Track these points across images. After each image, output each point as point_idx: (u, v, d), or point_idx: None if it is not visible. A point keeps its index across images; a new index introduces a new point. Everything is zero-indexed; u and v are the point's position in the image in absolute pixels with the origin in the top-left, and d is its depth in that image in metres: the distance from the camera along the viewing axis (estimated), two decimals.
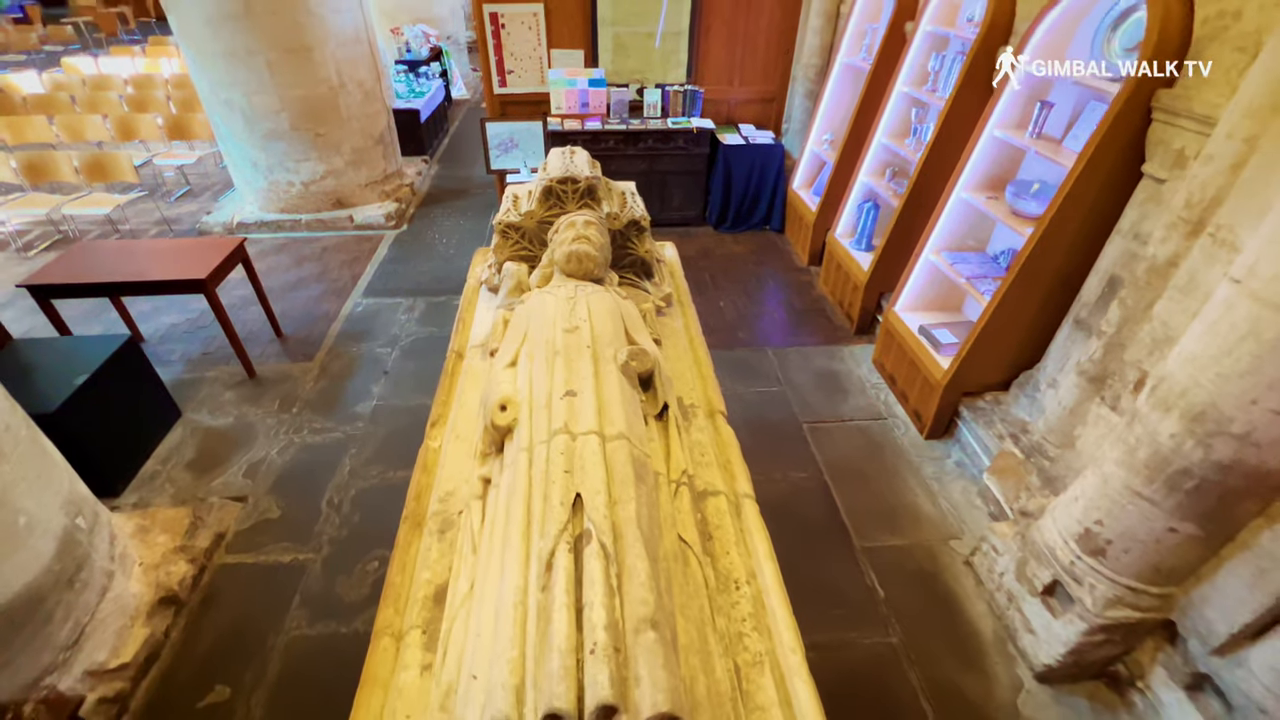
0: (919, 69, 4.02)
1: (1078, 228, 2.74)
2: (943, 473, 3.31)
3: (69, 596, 2.12)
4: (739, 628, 1.32)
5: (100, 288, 3.36)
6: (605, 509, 1.21)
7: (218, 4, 4.47)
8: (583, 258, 1.95)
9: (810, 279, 5.18)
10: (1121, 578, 2.11)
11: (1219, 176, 1.96)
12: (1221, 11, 2.13)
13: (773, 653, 1.29)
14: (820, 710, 1.19)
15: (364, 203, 5.83)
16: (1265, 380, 1.60)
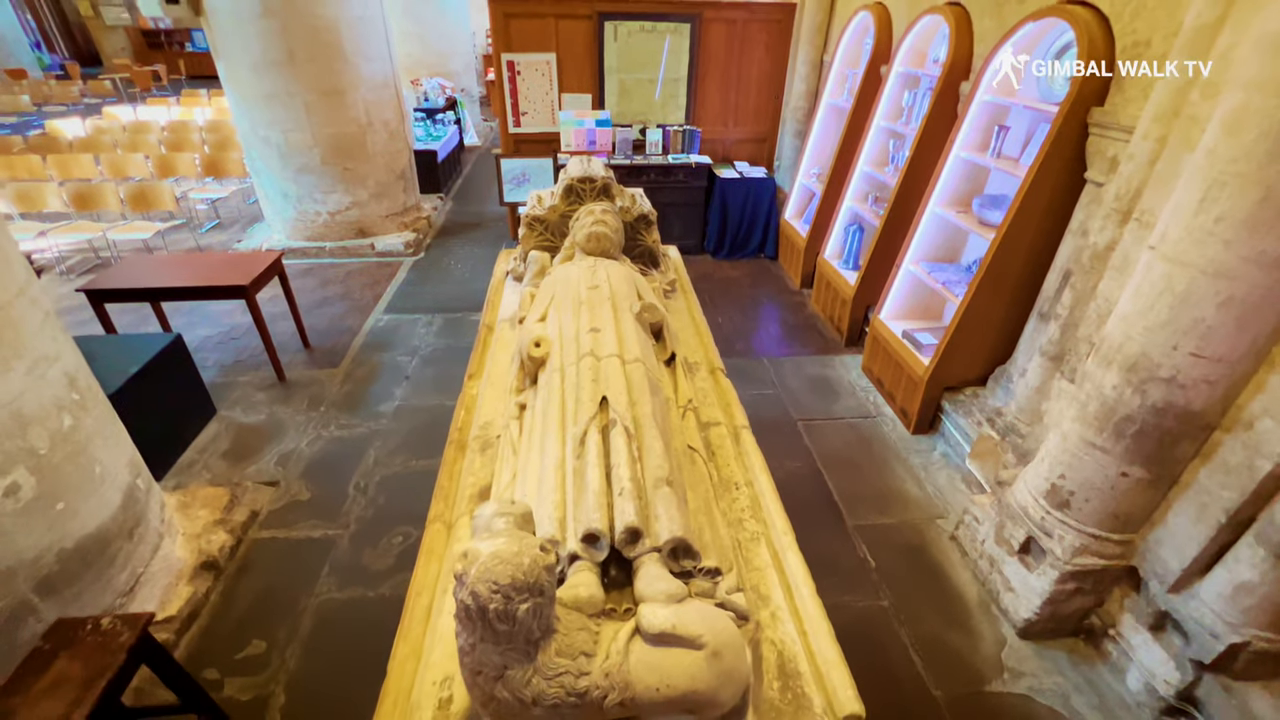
0: (894, 105, 4.48)
1: (1034, 231, 3.08)
2: (929, 463, 3.55)
3: (128, 546, 2.33)
4: (739, 515, 1.56)
5: (151, 292, 3.67)
6: (627, 408, 1.48)
7: (264, 52, 4.98)
8: (600, 238, 2.26)
9: (803, 300, 5.51)
10: (1086, 526, 2.33)
11: (1140, 171, 2.31)
12: (1136, 41, 2.54)
13: (767, 534, 1.52)
14: (808, 574, 1.42)
15: (385, 232, 6.23)
16: (1181, 327, 1.89)
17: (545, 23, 5.57)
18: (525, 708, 0.91)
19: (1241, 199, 1.70)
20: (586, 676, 0.93)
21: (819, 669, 1.20)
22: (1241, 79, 1.69)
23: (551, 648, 0.93)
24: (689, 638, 0.97)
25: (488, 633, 0.88)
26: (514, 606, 0.86)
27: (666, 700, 0.94)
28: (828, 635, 1.26)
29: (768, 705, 1.13)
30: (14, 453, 1.87)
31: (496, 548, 0.88)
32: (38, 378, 1.96)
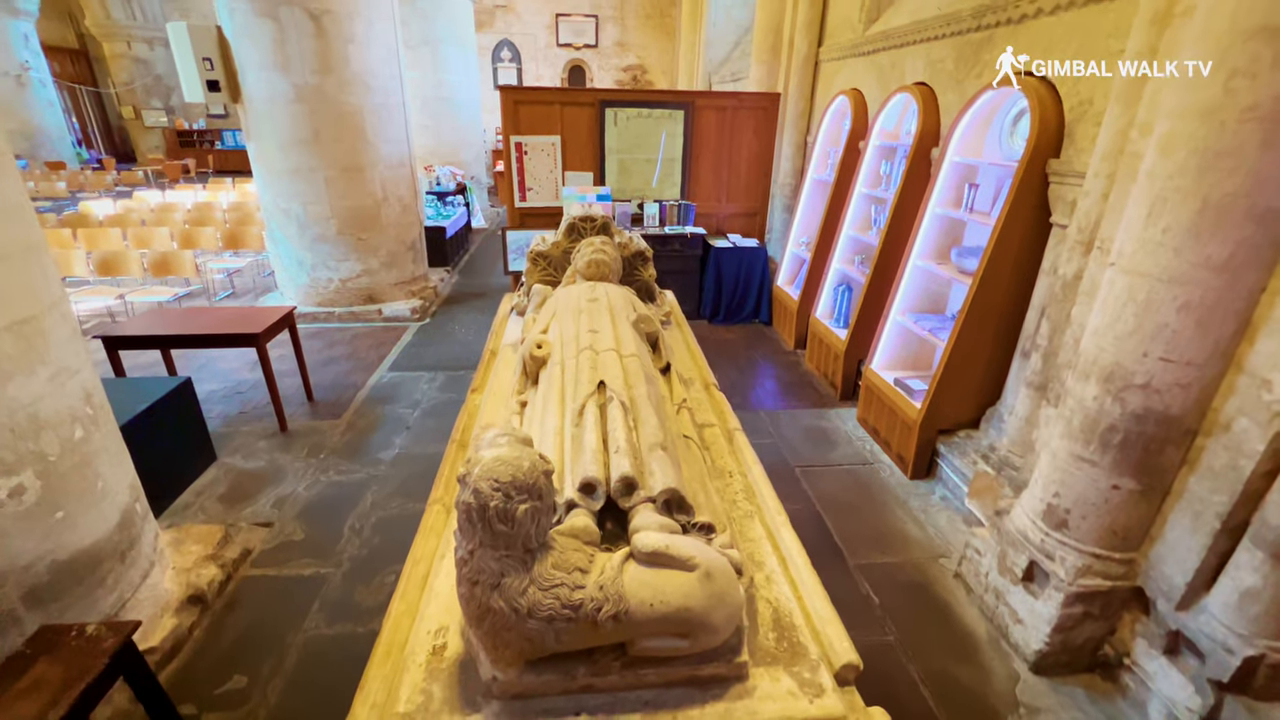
0: (873, 174, 4.83)
1: (1009, 274, 3.26)
2: (928, 506, 3.53)
3: (119, 569, 2.30)
4: (733, 497, 1.60)
5: (166, 340, 3.80)
6: (623, 388, 1.56)
7: (293, 131, 5.42)
8: (600, 264, 2.42)
9: (797, 359, 5.65)
10: (1086, 545, 2.32)
11: (1095, 206, 2.51)
12: (1080, 101, 2.83)
13: (760, 514, 1.55)
14: (802, 548, 1.44)
15: (393, 299, 6.47)
16: (1148, 333, 2.00)
17: (551, 109, 6.10)
18: (520, 619, 0.93)
19: (1183, 210, 1.86)
20: (581, 590, 0.95)
21: (814, 625, 1.20)
22: (1167, 110, 1.91)
23: (548, 561, 0.96)
24: (681, 558, 1.00)
25: (487, 535, 0.91)
26: (513, 506, 0.90)
27: (661, 616, 0.95)
28: (822, 597, 1.27)
29: (763, 653, 1.13)
30: (25, 455, 1.91)
31: (498, 453, 0.94)
32: (58, 386, 2.04)
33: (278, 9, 5.03)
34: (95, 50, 16.44)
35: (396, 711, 0.99)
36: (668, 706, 1.01)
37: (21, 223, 1.96)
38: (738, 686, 1.05)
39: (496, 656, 0.98)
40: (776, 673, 1.08)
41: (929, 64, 4.12)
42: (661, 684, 1.04)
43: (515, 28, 14.19)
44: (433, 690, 1.04)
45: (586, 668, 1.02)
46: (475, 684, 1.04)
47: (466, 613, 0.97)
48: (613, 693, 1.03)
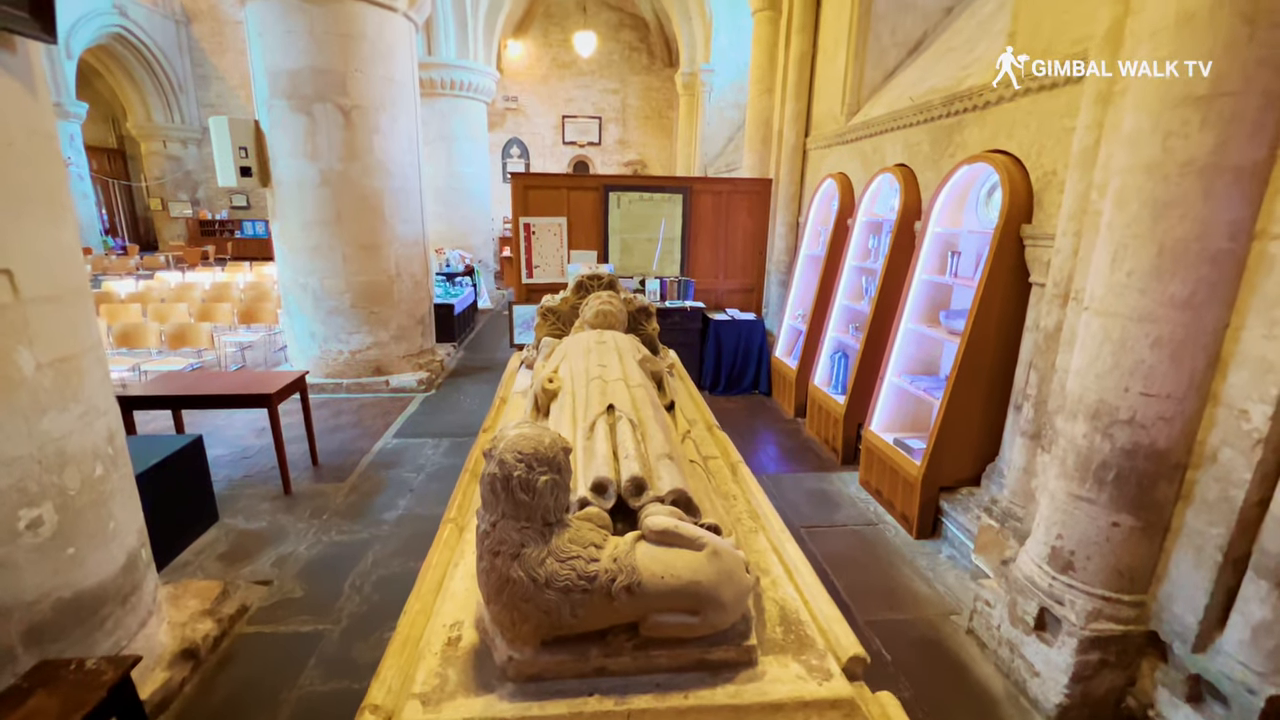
0: (862, 248, 5.12)
1: (995, 332, 3.42)
2: (936, 564, 3.48)
3: (119, 613, 2.27)
4: (737, 515, 1.64)
5: (179, 400, 3.90)
6: (631, 409, 1.65)
7: (317, 212, 5.79)
8: (607, 314, 2.57)
9: (798, 427, 5.71)
10: (1094, 588, 2.31)
11: (1067, 261, 2.70)
12: (1045, 172, 3.11)
13: (765, 530, 1.60)
14: (806, 560, 1.48)
15: (400, 371, 6.61)
16: (1126, 369, 2.12)
17: (559, 193, 6.54)
18: (538, 589, 0.97)
19: (1142, 254, 2.03)
20: (596, 563, 1.00)
21: (820, 623, 1.23)
22: (1117, 168, 2.13)
23: (565, 535, 1.02)
24: (690, 537, 1.06)
25: (509, 506, 0.98)
26: (535, 476, 0.98)
27: (671, 589, 1.00)
28: (827, 600, 1.30)
29: (771, 644, 1.15)
30: (49, 487, 1.96)
31: (522, 430, 1.02)
32: (86, 424, 2.12)
33: (312, 105, 5.53)
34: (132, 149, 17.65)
35: (412, 693, 1.01)
36: (679, 689, 1.02)
37: (73, 269, 2.12)
38: (747, 671, 1.06)
39: (514, 634, 1.01)
40: (785, 660, 1.10)
41: (907, 147, 4.50)
42: (673, 667, 1.06)
43: (524, 128, 15.33)
44: (448, 674, 1.05)
45: (599, 649, 1.04)
46: (490, 669, 1.06)
47: (486, 587, 1.01)
48: (625, 676, 1.04)
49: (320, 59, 5.42)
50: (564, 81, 15.22)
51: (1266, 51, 1.76)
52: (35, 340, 1.92)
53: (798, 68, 6.07)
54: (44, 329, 1.95)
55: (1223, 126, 1.84)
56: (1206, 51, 1.82)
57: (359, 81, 5.63)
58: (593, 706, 0.99)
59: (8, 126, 1.83)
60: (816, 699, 1.02)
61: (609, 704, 0.99)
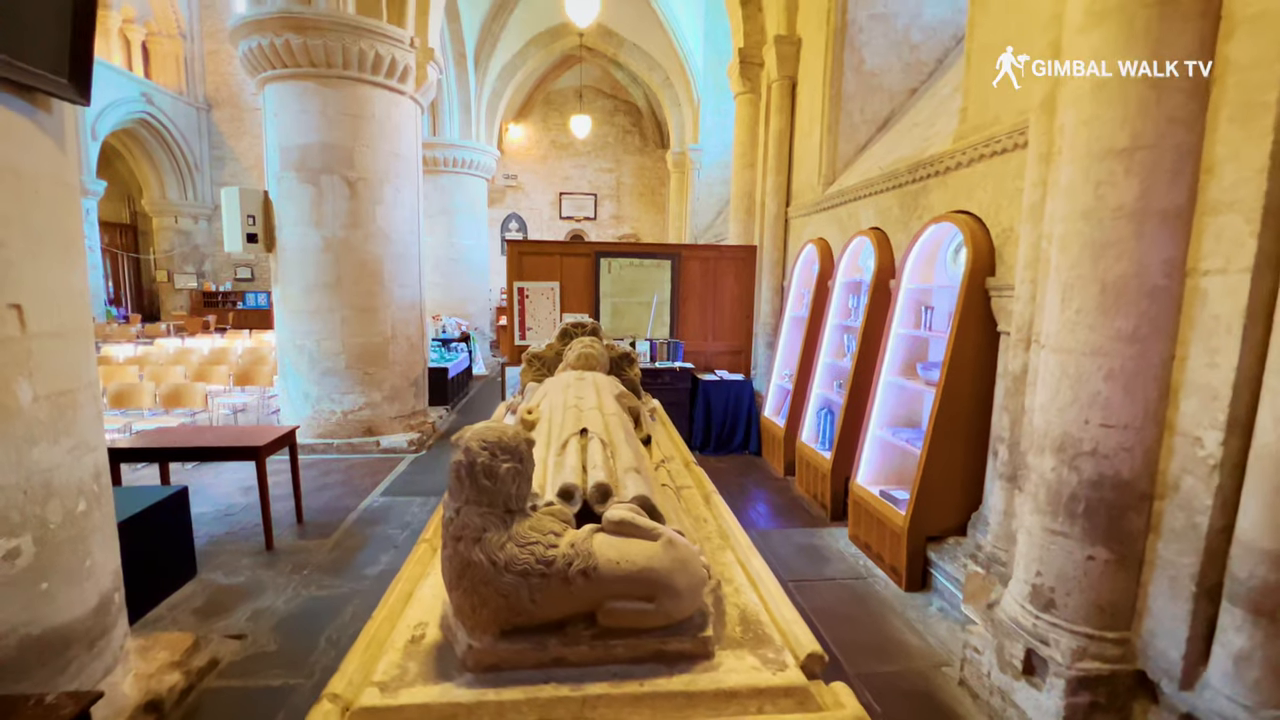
0: (843, 307, 5.32)
1: (969, 380, 3.53)
2: (926, 617, 3.41)
3: (85, 657, 2.22)
4: (707, 534, 1.67)
5: (168, 452, 3.91)
6: (603, 431, 1.72)
7: (318, 276, 6.01)
8: (589, 357, 2.68)
9: (787, 485, 5.70)
10: (1077, 625, 2.30)
11: (1026, 307, 2.85)
12: (1004, 229, 3.32)
13: (734, 548, 1.63)
14: (771, 573, 1.51)
15: (391, 432, 6.63)
16: (1084, 401, 2.21)
17: (552, 259, 6.82)
18: (498, 572, 1.02)
19: (1087, 293, 2.17)
20: (554, 549, 1.05)
21: (780, 624, 1.25)
22: (1059, 216, 2.31)
23: (526, 523, 1.07)
24: (645, 528, 1.11)
25: (472, 491, 1.04)
26: (498, 463, 1.04)
27: (625, 574, 1.04)
28: (789, 606, 1.33)
29: (729, 640, 1.18)
30: (30, 518, 1.98)
31: (488, 423, 1.10)
32: (75, 459, 2.16)
33: (319, 177, 5.87)
34: (143, 225, 18.31)
35: (372, 680, 1.02)
36: (636, 678, 1.04)
37: (79, 309, 2.23)
38: (704, 663, 1.07)
39: (473, 621, 1.03)
40: (741, 654, 1.11)
41: (879, 212, 4.78)
42: (630, 658, 1.07)
43: (523, 203, 16.05)
44: (409, 666, 1.06)
45: (558, 639, 1.06)
46: (451, 661, 1.07)
47: (448, 573, 1.05)
48: (583, 666, 1.05)
49: (330, 135, 5.80)
50: (562, 161, 16.09)
51: (1173, 112, 1.98)
52: (35, 372, 2.00)
53: (777, 144, 6.51)
54: (45, 362, 2.04)
55: (1145, 175, 2.02)
56: (1120, 114, 2.04)
57: (365, 156, 6.00)
58: (549, 693, 1.00)
59: (36, 176, 2.00)
60: (770, 687, 1.03)
61: (565, 690, 1.01)
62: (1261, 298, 1.86)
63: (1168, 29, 1.94)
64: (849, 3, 5.36)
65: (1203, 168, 1.99)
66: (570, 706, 0.98)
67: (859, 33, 5.40)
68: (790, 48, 6.24)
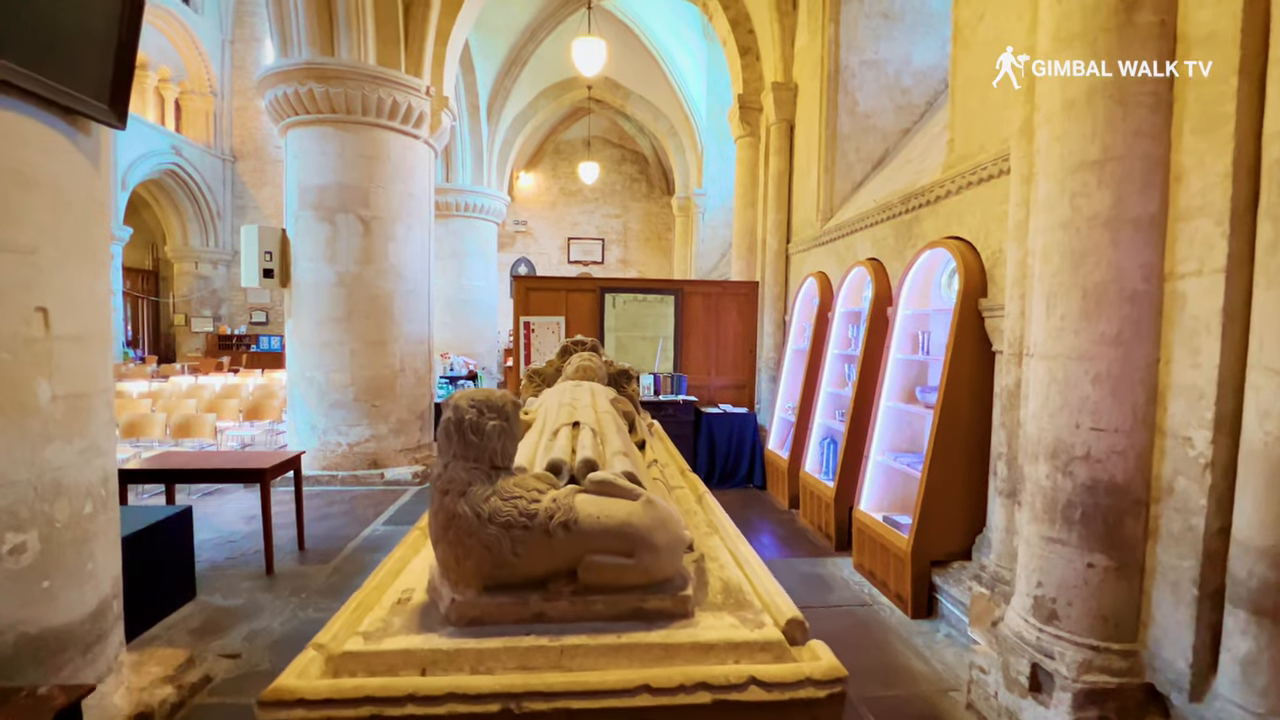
0: (842, 337, 5.38)
1: (967, 403, 3.55)
2: (933, 643, 3.33)
3: (80, 662, 2.22)
4: (695, 522, 1.69)
5: (175, 474, 3.97)
6: (594, 421, 1.77)
7: (330, 310, 6.18)
8: (586, 369, 2.74)
9: (792, 517, 5.63)
10: (1081, 637, 2.25)
11: (1016, 323, 2.90)
12: (994, 251, 3.41)
13: (722, 535, 1.64)
14: (758, 556, 1.52)
15: (396, 465, 6.65)
16: (1073, 405, 2.23)
17: (558, 295, 6.97)
18: (481, 523, 1.06)
19: (1070, 299, 2.23)
20: (537, 504, 1.09)
21: (761, 594, 1.27)
22: (1038, 228, 2.40)
23: (511, 480, 1.12)
24: (626, 488, 1.15)
25: (460, 446, 1.09)
26: (484, 421, 1.10)
27: (605, 528, 1.08)
28: (772, 580, 1.34)
29: (710, 605, 1.19)
30: (38, 515, 2.03)
31: (476, 387, 1.16)
32: (85, 461, 2.23)
33: (335, 215, 6.12)
34: (165, 271, 18.89)
35: (358, 630, 1.04)
36: (614, 632, 1.05)
37: (100, 316, 2.34)
38: (683, 621, 1.09)
39: (457, 574, 1.06)
40: (721, 615, 1.12)
41: (875, 242, 4.91)
42: (610, 615, 1.08)
43: (533, 248, 16.47)
44: (393, 621, 1.09)
45: (539, 595, 1.08)
46: (435, 617, 1.09)
47: (434, 526, 1.08)
48: (563, 622, 1.07)
49: (347, 176, 6.08)
50: (570, 208, 16.59)
51: (1139, 125, 2.08)
52: (55, 373, 2.09)
53: (776, 183, 6.73)
54: (65, 364, 2.13)
55: (1116, 185, 2.11)
56: (1090, 129, 2.15)
57: (380, 196, 6.26)
58: (528, 643, 1.02)
59: (71, 190, 2.14)
60: (747, 641, 1.04)
61: (544, 641, 1.02)
62: (1237, 297, 1.91)
63: (1127, 50, 2.07)
64: (841, 50, 5.65)
65: (1172, 176, 2.07)
66: (549, 655, 1.00)
67: (851, 78, 5.67)
68: (787, 93, 6.53)
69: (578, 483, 1.38)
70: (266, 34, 15.59)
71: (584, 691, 0.92)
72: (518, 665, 0.98)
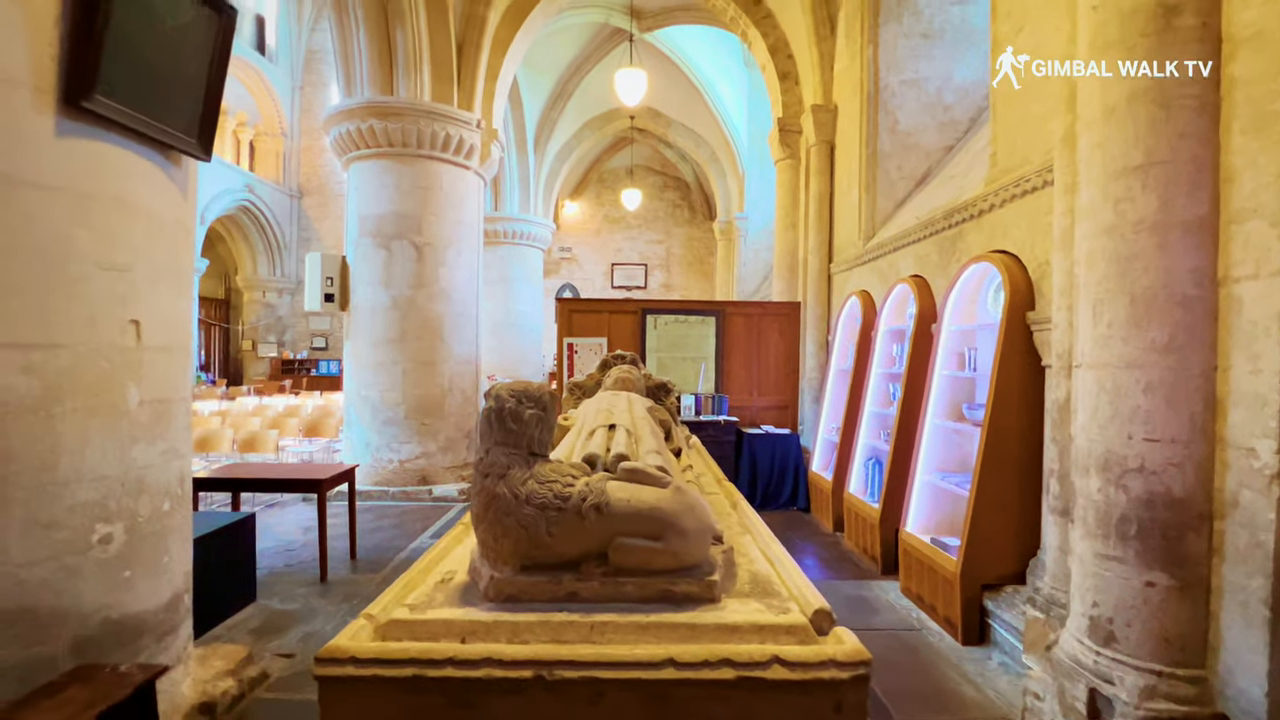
0: (887, 356, 5.30)
1: (1015, 419, 3.44)
2: (985, 670, 3.19)
3: (154, 648, 2.39)
4: (728, 523, 1.72)
5: (239, 482, 4.22)
6: (629, 423, 1.83)
7: (385, 331, 6.50)
8: (625, 380, 2.81)
9: (836, 541, 5.50)
10: (1142, 661, 2.14)
11: (1065, 335, 2.82)
12: (1040, 263, 3.34)
13: (755, 536, 1.66)
14: (791, 559, 1.54)
15: (444, 482, 6.85)
16: (1125, 415, 2.16)
17: (600, 316, 7.12)
18: (519, 503, 1.13)
19: (1117, 306, 2.18)
20: (571, 488, 1.15)
21: (789, 585, 1.29)
22: (1083, 234, 2.35)
23: (548, 466, 1.19)
24: (655, 476, 1.20)
25: (500, 433, 1.17)
26: (523, 409, 1.18)
27: (635, 511, 1.13)
28: (802, 575, 1.36)
29: (737, 593, 1.22)
30: (124, 508, 2.22)
31: (515, 379, 1.24)
32: (166, 461, 2.43)
33: (391, 242, 6.47)
34: (235, 299, 20.20)
35: (404, 603, 1.12)
36: (642, 612, 1.09)
37: (183, 330, 2.57)
38: (709, 605, 1.12)
39: (496, 553, 1.13)
40: (747, 601, 1.14)
41: (918, 259, 4.85)
42: (639, 597, 1.12)
43: (577, 274, 16.84)
44: (436, 596, 1.16)
45: (572, 575, 1.13)
46: (474, 595, 1.16)
47: (475, 507, 1.16)
48: (594, 602, 1.12)
49: (403, 205, 6.44)
50: (614, 234, 16.94)
51: (1184, 128, 2.04)
52: (143, 380, 2.30)
53: (817, 204, 6.75)
54: (152, 372, 2.34)
55: (1161, 189, 2.07)
56: (1132, 133, 2.12)
57: (432, 223, 6.60)
58: (561, 618, 1.07)
59: (163, 215, 2.38)
60: (772, 624, 1.06)
61: (576, 617, 1.07)
62: None
63: (1168, 54, 2.04)
64: (881, 71, 5.69)
65: (1222, 177, 2.02)
66: (580, 630, 1.05)
67: (891, 97, 5.68)
68: (827, 115, 6.59)
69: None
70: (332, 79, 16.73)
71: (612, 663, 0.97)
72: (550, 638, 1.03)
